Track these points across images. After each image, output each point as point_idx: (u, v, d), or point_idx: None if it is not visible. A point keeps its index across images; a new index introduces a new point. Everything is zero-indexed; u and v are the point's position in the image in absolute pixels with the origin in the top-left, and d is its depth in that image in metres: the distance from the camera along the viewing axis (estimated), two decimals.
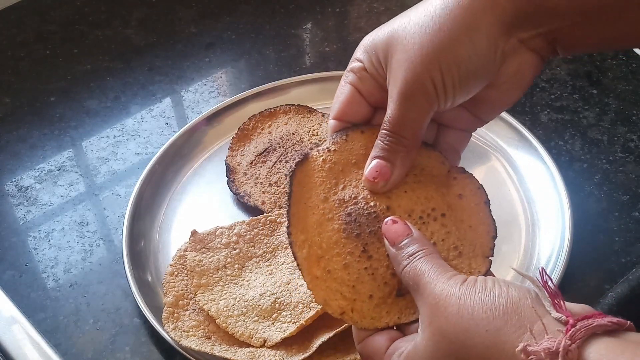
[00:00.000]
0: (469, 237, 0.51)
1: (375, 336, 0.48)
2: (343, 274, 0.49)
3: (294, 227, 0.50)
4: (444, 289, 0.44)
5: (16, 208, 0.76)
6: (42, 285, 0.69)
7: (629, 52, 0.88)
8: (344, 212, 0.51)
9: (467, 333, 0.42)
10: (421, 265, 0.46)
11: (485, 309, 0.42)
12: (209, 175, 0.77)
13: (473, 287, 0.43)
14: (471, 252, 0.50)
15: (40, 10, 1.02)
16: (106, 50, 0.95)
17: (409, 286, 0.47)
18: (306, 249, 0.49)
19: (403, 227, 0.48)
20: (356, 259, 0.49)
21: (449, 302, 0.43)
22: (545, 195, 0.70)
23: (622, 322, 0.41)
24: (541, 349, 0.39)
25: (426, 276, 0.45)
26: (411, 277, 0.46)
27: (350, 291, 0.49)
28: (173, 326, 0.61)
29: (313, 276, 0.49)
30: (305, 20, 0.98)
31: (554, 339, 0.39)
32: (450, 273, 0.45)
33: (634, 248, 0.67)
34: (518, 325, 0.41)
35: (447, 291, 0.43)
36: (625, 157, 0.76)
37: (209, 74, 0.91)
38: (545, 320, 0.41)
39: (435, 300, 0.44)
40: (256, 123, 0.80)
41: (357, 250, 0.50)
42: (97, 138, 0.83)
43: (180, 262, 0.66)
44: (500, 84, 0.49)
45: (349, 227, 0.50)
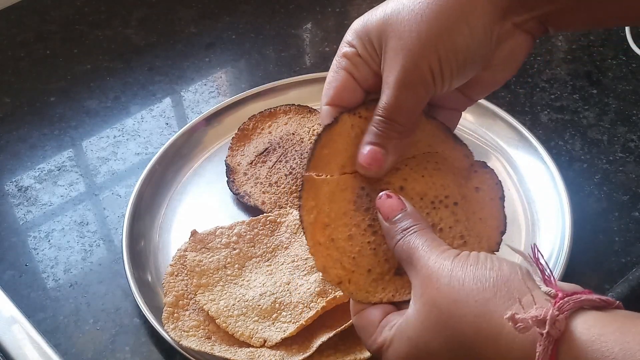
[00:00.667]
0: (477, 229, 0.51)
1: (370, 309, 0.49)
2: (346, 244, 0.50)
3: (306, 192, 0.50)
4: (437, 261, 0.44)
5: (16, 208, 0.76)
6: (42, 285, 0.69)
7: (629, 52, 0.88)
8: (358, 185, 0.51)
9: (457, 303, 0.42)
10: (414, 239, 0.46)
11: (475, 281, 0.42)
12: (209, 175, 0.77)
13: (465, 261, 0.44)
14: (477, 244, 0.50)
15: (40, 10, 1.02)
16: (106, 50, 0.95)
17: (402, 260, 0.47)
18: (314, 214, 0.50)
19: (397, 202, 0.48)
20: (361, 232, 0.50)
21: (440, 274, 0.43)
22: (545, 195, 0.70)
23: (611, 301, 0.41)
24: (529, 316, 0.39)
25: (419, 250, 0.45)
26: (404, 250, 0.46)
27: (351, 262, 0.49)
28: (173, 326, 0.61)
29: (316, 242, 0.49)
30: (305, 20, 0.98)
31: (542, 308, 0.39)
32: (444, 247, 0.46)
33: (634, 248, 0.67)
34: (507, 297, 0.41)
35: (440, 264, 0.44)
36: (625, 157, 0.76)
37: (209, 74, 0.91)
38: (535, 293, 0.41)
39: (427, 272, 0.44)
40: (256, 123, 0.80)
41: (364, 224, 0.50)
42: (97, 138, 0.83)
43: (180, 262, 0.66)
44: (493, 65, 0.49)
45: (360, 200, 0.50)
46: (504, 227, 0.51)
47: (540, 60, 0.88)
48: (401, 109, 0.47)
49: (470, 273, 0.43)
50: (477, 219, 0.51)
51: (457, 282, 0.43)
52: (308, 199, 0.50)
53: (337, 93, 0.50)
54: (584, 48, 0.90)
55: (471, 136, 0.78)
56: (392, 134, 0.48)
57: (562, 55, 0.89)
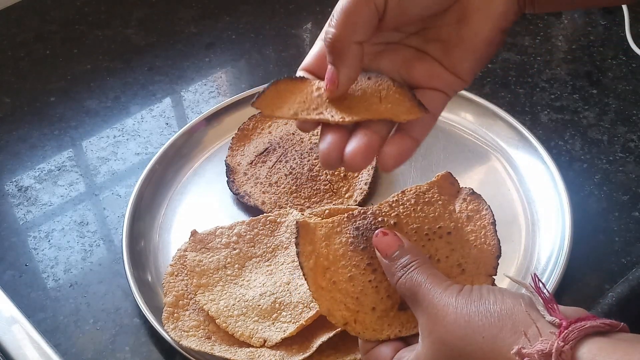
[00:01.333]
0: (474, 256, 0.52)
1: (380, 347, 0.49)
2: (348, 285, 0.50)
3: (302, 238, 0.51)
4: (441, 299, 0.45)
5: (16, 208, 0.76)
6: (42, 285, 0.69)
7: (629, 52, 0.88)
8: (352, 226, 0.52)
9: (465, 340, 0.43)
10: (416, 276, 0.47)
11: (481, 317, 0.43)
12: (209, 175, 0.77)
13: (469, 296, 0.44)
14: (475, 270, 0.51)
15: (40, 10, 1.02)
16: (106, 50, 0.95)
17: (406, 297, 0.48)
18: (313, 259, 0.51)
19: (393, 239, 0.49)
20: (361, 272, 0.51)
21: (446, 312, 0.44)
22: (545, 195, 0.70)
23: (615, 324, 0.41)
24: (535, 350, 0.40)
25: (423, 287, 0.46)
26: (407, 288, 0.47)
27: (354, 303, 0.50)
28: (173, 326, 0.61)
29: (318, 286, 0.50)
30: (305, 20, 0.98)
31: (547, 340, 0.40)
32: (447, 283, 0.46)
33: (634, 248, 0.67)
34: (513, 331, 0.42)
35: (445, 301, 0.45)
36: (625, 157, 0.76)
37: (209, 74, 0.91)
38: (539, 324, 0.41)
39: (434, 311, 0.45)
40: (256, 123, 0.80)
41: (363, 263, 0.51)
42: (97, 138, 0.83)
43: (180, 262, 0.66)
44: (469, 14, 0.46)
45: (356, 240, 0.51)
46: (499, 252, 0.52)
47: (540, 60, 0.88)
48: (345, 18, 0.44)
49: (475, 309, 0.43)
50: (472, 246, 0.52)
51: (464, 319, 0.43)
52: (305, 244, 0.51)
53: (310, 60, 0.48)
54: (584, 48, 0.90)
55: (471, 136, 0.78)
56: (337, 49, 0.44)
57: (562, 55, 0.89)
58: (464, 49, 0.47)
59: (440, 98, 0.49)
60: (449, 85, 0.48)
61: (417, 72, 0.48)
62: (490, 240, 0.52)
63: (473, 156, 0.76)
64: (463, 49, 0.47)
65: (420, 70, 0.48)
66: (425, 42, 0.48)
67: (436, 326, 0.44)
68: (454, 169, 0.75)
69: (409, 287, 0.47)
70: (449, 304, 0.44)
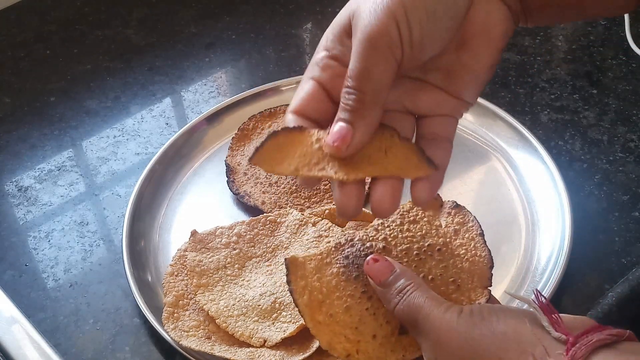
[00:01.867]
0: (467, 270, 0.52)
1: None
2: (345, 316, 0.50)
3: (293, 274, 0.51)
4: (443, 323, 0.44)
5: (16, 208, 0.76)
6: (42, 285, 0.69)
7: (629, 52, 0.88)
8: (341, 255, 0.52)
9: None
10: (414, 300, 0.46)
11: (485, 340, 0.42)
12: (209, 175, 0.77)
13: (470, 318, 0.44)
14: (470, 284, 0.51)
15: (40, 10, 1.02)
16: (106, 50, 0.95)
17: (405, 322, 0.47)
18: (307, 295, 0.50)
19: (385, 264, 0.48)
20: (357, 301, 0.50)
21: (450, 337, 0.44)
22: (545, 195, 0.70)
23: (621, 333, 0.41)
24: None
25: (422, 311, 0.46)
26: (406, 313, 0.47)
27: (354, 333, 0.50)
28: (173, 326, 0.61)
29: (316, 322, 0.50)
30: (305, 20, 0.98)
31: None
32: (445, 305, 0.46)
33: (634, 248, 0.67)
34: (520, 351, 0.41)
35: (447, 325, 0.44)
36: (625, 157, 0.76)
37: (209, 74, 0.91)
38: (546, 342, 0.41)
39: (436, 336, 0.44)
40: (256, 123, 0.80)
41: (357, 292, 0.50)
42: (97, 138, 0.83)
43: (180, 262, 0.66)
44: (469, 40, 0.45)
45: (347, 269, 0.51)
46: (491, 262, 0.52)
47: (540, 60, 0.88)
48: (366, 74, 0.41)
49: (479, 331, 0.43)
50: (464, 259, 0.52)
51: (468, 343, 0.43)
52: (297, 280, 0.51)
53: (300, 102, 0.45)
54: (584, 48, 0.90)
55: (471, 136, 0.78)
56: (358, 105, 0.42)
57: (562, 55, 0.89)
58: (466, 75, 0.46)
59: (449, 123, 0.47)
60: (455, 109, 0.47)
61: (422, 102, 0.46)
62: (481, 252, 0.52)
63: (473, 156, 0.76)
64: (465, 74, 0.46)
65: (425, 100, 0.46)
66: (425, 72, 0.46)
67: (441, 352, 0.44)
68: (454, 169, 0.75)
69: (408, 312, 0.46)
70: (452, 328, 0.44)
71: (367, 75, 0.41)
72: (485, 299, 0.51)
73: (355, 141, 0.42)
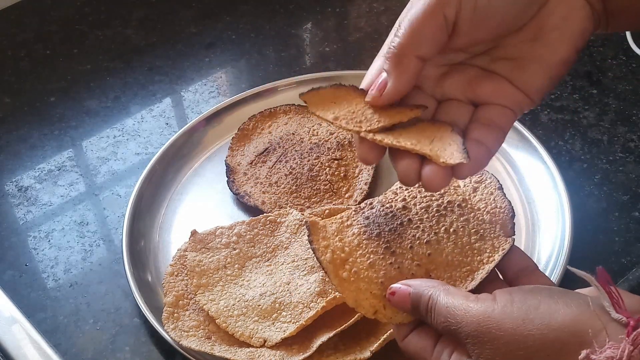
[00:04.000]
0: (488, 220, 0.51)
1: (419, 332, 0.46)
2: (370, 272, 0.49)
3: (314, 235, 0.50)
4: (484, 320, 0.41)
5: (16, 208, 0.76)
6: (42, 285, 0.69)
7: (629, 52, 0.88)
8: (361, 216, 0.51)
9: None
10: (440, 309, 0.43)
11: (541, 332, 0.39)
12: (209, 175, 0.77)
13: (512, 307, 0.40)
14: (492, 233, 0.50)
15: (40, 10, 1.02)
16: (106, 50, 0.95)
17: (447, 332, 0.44)
18: (329, 253, 0.50)
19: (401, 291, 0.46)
20: (380, 257, 0.50)
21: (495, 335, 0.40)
22: (545, 195, 0.70)
23: None
24: (604, 357, 0.37)
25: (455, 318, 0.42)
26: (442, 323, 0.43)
27: (380, 288, 0.49)
28: (173, 326, 0.61)
29: (340, 279, 0.49)
30: (305, 20, 0.98)
31: (617, 346, 0.37)
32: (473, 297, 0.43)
33: (634, 248, 0.67)
34: (579, 344, 0.38)
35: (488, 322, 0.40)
36: (625, 157, 0.76)
37: (209, 74, 0.91)
38: (609, 327, 0.38)
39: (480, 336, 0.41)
40: (256, 123, 0.80)
41: (380, 248, 0.50)
42: (97, 138, 0.83)
43: (180, 262, 0.66)
44: (545, 32, 0.45)
45: (369, 228, 0.51)
46: (512, 212, 0.52)
47: None
48: (410, 43, 0.43)
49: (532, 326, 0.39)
50: (484, 212, 0.51)
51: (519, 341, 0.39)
52: (318, 240, 0.50)
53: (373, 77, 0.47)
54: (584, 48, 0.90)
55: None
56: (398, 51, 0.44)
57: None
58: (538, 67, 0.46)
59: (507, 114, 0.47)
60: (516, 103, 0.47)
61: (483, 89, 0.47)
62: (501, 204, 0.52)
63: None
64: (537, 66, 0.46)
65: (487, 87, 0.47)
66: (492, 61, 0.47)
67: (485, 352, 0.40)
68: None
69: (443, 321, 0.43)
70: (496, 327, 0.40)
71: (411, 30, 0.43)
72: (509, 246, 0.49)
73: (388, 90, 0.44)
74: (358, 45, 0.93)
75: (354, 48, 0.93)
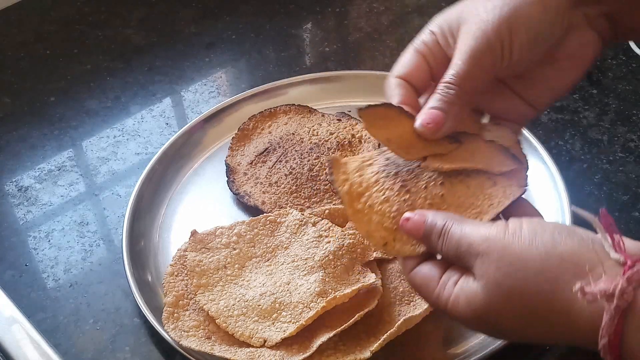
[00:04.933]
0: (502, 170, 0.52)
1: (426, 265, 0.48)
2: (384, 206, 0.51)
3: (335, 169, 0.52)
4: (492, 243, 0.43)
5: (16, 208, 0.76)
6: (42, 285, 0.69)
7: (629, 52, 0.88)
8: (382, 157, 0.53)
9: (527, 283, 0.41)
10: (453, 235, 0.45)
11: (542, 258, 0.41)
12: (209, 175, 0.77)
13: (521, 234, 0.43)
14: (506, 182, 0.51)
15: (40, 10, 1.02)
16: (106, 50, 0.95)
17: (457, 257, 0.45)
18: (347, 185, 0.52)
19: (416, 218, 0.48)
20: (395, 194, 0.51)
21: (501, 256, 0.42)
22: (545, 195, 0.70)
23: None
24: (597, 290, 0.39)
25: (465, 239, 0.45)
26: (452, 252, 0.45)
27: (391, 221, 0.50)
28: (173, 326, 0.61)
29: (355, 209, 0.51)
30: (305, 20, 0.98)
31: (611, 280, 0.39)
32: (487, 224, 0.45)
33: None
34: (575, 273, 0.40)
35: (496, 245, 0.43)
36: (625, 157, 0.76)
37: (209, 74, 0.91)
38: (606, 264, 0.40)
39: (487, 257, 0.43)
40: (256, 123, 0.80)
41: (396, 186, 0.51)
42: (97, 138, 0.83)
43: (180, 262, 0.66)
44: (559, 60, 0.51)
45: (388, 167, 0.52)
46: (527, 165, 0.53)
47: None
48: (469, 76, 0.48)
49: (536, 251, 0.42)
50: (496, 162, 0.52)
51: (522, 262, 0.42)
52: (338, 173, 0.52)
53: (407, 69, 0.51)
54: None
55: None
56: (455, 99, 0.49)
57: None
58: (547, 87, 0.52)
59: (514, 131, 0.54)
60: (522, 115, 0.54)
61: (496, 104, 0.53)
62: (519, 156, 0.53)
63: None
64: (546, 87, 0.52)
65: (500, 103, 0.53)
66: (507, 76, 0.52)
67: (490, 269, 0.43)
68: None
69: (455, 245, 0.45)
70: (503, 247, 0.42)
71: (468, 77, 0.49)
72: (520, 193, 0.51)
73: (445, 126, 0.49)
74: (358, 45, 0.93)
75: (354, 48, 0.93)
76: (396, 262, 0.65)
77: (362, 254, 0.64)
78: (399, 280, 0.63)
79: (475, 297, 0.44)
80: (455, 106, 0.49)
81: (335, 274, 0.62)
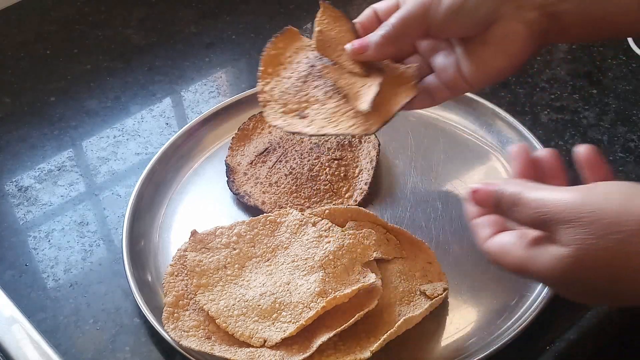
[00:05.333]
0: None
1: (502, 234, 0.49)
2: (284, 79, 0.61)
3: (283, 36, 0.62)
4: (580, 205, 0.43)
5: (16, 208, 0.76)
6: (42, 285, 0.69)
7: (629, 52, 0.88)
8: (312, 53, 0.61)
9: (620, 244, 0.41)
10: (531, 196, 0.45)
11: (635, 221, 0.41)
12: (209, 175, 0.77)
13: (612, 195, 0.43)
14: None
15: (40, 10, 1.02)
16: (106, 50, 0.95)
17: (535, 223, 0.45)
18: (276, 51, 0.62)
19: (485, 188, 0.49)
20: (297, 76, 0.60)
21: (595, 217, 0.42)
22: None
23: None
24: None
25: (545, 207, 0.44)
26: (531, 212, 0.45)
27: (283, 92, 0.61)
28: (173, 326, 0.61)
29: (266, 71, 0.61)
30: (305, 20, 0.98)
31: None
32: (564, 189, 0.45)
33: None
34: None
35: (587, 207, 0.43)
36: (625, 157, 0.76)
37: (209, 74, 0.91)
38: None
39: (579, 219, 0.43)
40: (256, 123, 0.80)
41: (303, 75, 0.60)
42: (97, 138, 0.83)
43: (180, 262, 0.66)
44: (488, 43, 0.55)
45: (313, 68, 0.60)
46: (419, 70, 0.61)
47: (540, 60, 0.88)
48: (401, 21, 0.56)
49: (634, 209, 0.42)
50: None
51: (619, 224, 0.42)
52: (281, 40, 0.62)
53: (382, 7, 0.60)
54: (584, 48, 0.90)
55: (471, 136, 0.78)
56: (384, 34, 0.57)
57: (562, 55, 0.89)
58: (480, 66, 0.56)
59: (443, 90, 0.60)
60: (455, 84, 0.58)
61: (437, 59, 0.59)
62: None
63: (473, 156, 0.76)
64: (478, 65, 0.56)
65: (441, 59, 0.59)
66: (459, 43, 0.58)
67: (580, 235, 0.42)
68: (454, 169, 0.75)
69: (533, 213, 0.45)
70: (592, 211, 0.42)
71: (401, 23, 0.56)
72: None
73: (368, 53, 0.58)
74: None
75: None
76: (396, 262, 0.65)
77: (362, 254, 0.64)
78: (399, 280, 0.63)
79: (564, 260, 0.43)
80: (382, 40, 0.57)
81: (335, 274, 0.62)
